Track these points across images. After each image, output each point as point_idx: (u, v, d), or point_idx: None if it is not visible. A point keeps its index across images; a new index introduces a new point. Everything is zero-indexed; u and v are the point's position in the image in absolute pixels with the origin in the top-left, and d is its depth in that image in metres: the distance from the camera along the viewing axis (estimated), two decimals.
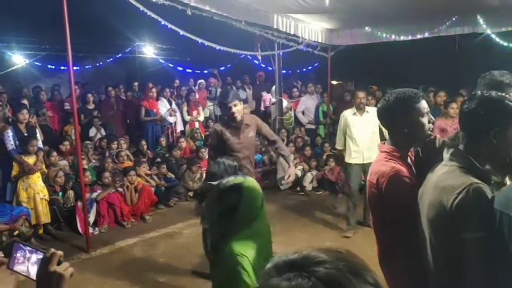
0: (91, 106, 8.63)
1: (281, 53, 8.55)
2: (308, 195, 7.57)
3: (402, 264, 2.04)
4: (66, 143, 7.15)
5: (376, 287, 0.76)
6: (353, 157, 5.58)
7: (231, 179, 2.14)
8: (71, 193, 6.01)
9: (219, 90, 10.73)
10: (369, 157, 5.39)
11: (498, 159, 1.77)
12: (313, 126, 9.37)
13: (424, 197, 1.85)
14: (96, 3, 8.10)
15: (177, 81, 10.32)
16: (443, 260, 1.74)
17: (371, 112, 5.49)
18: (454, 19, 6.99)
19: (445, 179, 1.72)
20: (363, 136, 5.50)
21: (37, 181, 5.72)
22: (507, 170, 2.04)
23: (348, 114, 5.67)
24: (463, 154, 1.75)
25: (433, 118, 2.18)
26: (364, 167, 5.45)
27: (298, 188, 7.77)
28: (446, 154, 1.83)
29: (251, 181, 2.11)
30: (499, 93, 1.76)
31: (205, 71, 12.24)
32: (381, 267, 2.19)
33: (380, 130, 5.33)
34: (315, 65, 12.02)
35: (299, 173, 7.65)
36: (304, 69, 12.83)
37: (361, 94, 5.65)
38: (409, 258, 1.96)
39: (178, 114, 9.00)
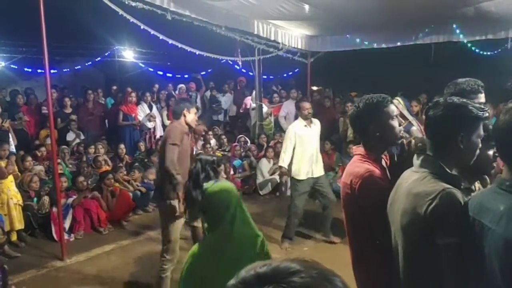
0: (68, 110, 8.50)
1: (261, 59, 8.59)
2: (287, 200, 7.54)
3: (375, 267, 2.07)
4: (43, 149, 7.01)
5: None
6: (305, 172, 5.28)
7: (206, 184, 2.22)
8: (46, 199, 5.88)
9: (199, 95, 10.72)
10: (318, 170, 5.31)
11: (466, 163, 1.81)
12: None
13: (396, 204, 1.86)
14: (75, 6, 8.02)
15: (156, 86, 10.23)
16: (417, 267, 1.75)
17: (316, 123, 5.42)
18: (430, 28, 7.14)
19: (417, 186, 1.74)
20: (313, 148, 5.32)
21: (10, 186, 5.58)
22: (476, 176, 2.09)
23: (298, 126, 5.33)
24: (433, 160, 1.78)
25: (402, 121, 2.23)
26: (315, 181, 5.31)
27: (278, 193, 7.78)
28: (416, 161, 1.86)
29: (216, 185, 2.14)
30: (462, 99, 1.80)
31: (186, 76, 12.20)
32: (354, 271, 2.22)
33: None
34: (296, 71, 12.11)
35: (278, 179, 7.66)
36: (285, 75, 12.91)
37: (307, 105, 5.35)
38: (382, 260, 1.98)
39: (158, 119, 8.94)
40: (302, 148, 5.28)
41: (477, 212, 1.57)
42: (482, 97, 2.68)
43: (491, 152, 1.99)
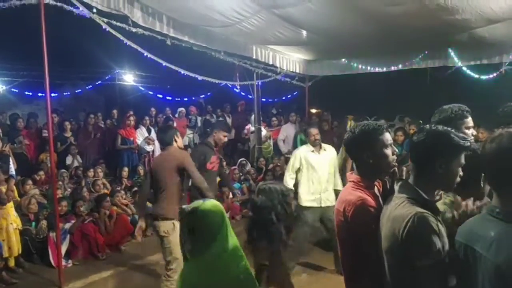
0: (68, 133, 8.54)
1: (259, 83, 8.69)
2: None
3: None
4: (41, 172, 7.02)
5: None
6: (310, 200, 5.05)
7: (193, 203, 2.18)
8: (44, 223, 5.85)
9: (199, 118, 10.78)
10: (327, 200, 4.99)
11: (444, 189, 1.91)
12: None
13: (381, 229, 1.93)
14: (76, 31, 8.13)
15: (153, 109, 10.25)
16: None
17: (328, 150, 5.18)
18: (426, 52, 7.26)
19: (395, 210, 1.82)
20: (322, 176, 5.03)
21: (10, 211, 5.54)
22: (470, 196, 2.11)
23: (305, 152, 5.15)
24: (410, 186, 1.86)
25: (396, 150, 2.26)
26: (322, 212, 5.00)
27: None
28: (396, 187, 1.94)
29: (208, 204, 2.12)
30: (445, 127, 1.88)
31: (185, 99, 12.29)
32: None
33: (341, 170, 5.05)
34: (295, 94, 12.22)
35: None
36: (284, 98, 13.02)
37: (314, 131, 5.13)
38: (373, 287, 2.00)
39: (156, 142, 8.95)
40: (308, 174, 5.06)
41: (468, 239, 1.62)
42: (469, 121, 2.68)
43: None
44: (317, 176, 5.04)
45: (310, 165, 5.06)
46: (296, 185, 5.22)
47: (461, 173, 1.84)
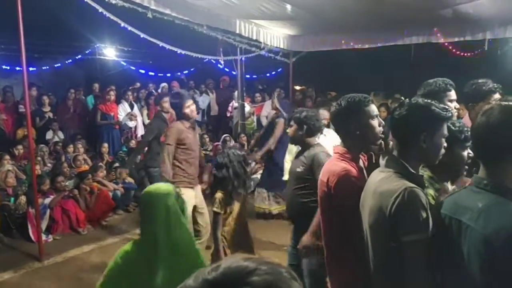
0: (46, 108, 8.37)
1: (243, 58, 8.57)
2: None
3: (350, 268, 2.10)
4: (20, 147, 6.89)
5: (297, 281, 0.76)
6: None
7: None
8: (23, 198, 5.77)
9: None
10: None
11: (429, 162, 1.89)
12: None
13: (365, 204, 1.91)
14: (54, 3, 7.89)
15: (138, 84, 10.08)
16: (386, 265, 1.79)
17: (327, 134, 4.40)
18: (410, 29, 7.23)
19: (382, 185, 1.80)
20: None
21: None
22: (449, 176, 2.13)
23: None
24: (397, 160, 1.84)
25: (382, 122, 2.26)
26: None
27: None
28: (382, 161, 1.92)
29: (153, 187, 2.17)
30: (426, 100, 1.86)
31: (168, 75, 12.10)
32: (328, 270, 2.24)
33: None
34: (279, 70, 12.13)
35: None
36: (268, 74, 12.92)
37: (324, 113, 4.51)
38: (357, 261, 2.00)
39: (139, 118, 8.84)
40: None
41: (453, 212, 1.61)
42: (452, 94, 2.78)
43: (465, 153, 2.04)
44: None
45: None
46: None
47: (445, 144, 1.83)
